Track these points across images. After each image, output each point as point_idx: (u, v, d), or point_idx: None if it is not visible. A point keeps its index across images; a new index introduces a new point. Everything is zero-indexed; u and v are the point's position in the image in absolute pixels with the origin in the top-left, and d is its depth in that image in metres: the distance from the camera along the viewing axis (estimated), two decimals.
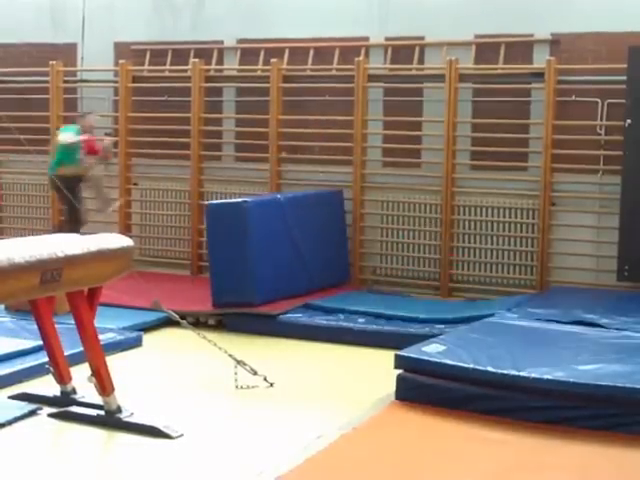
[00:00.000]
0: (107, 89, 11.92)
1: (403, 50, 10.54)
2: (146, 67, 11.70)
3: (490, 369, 6.33)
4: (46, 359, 6.66)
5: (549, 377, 6.15)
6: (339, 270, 10.36)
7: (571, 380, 6.10)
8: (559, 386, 6.08)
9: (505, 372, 6.28)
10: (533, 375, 6.19)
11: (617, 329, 7.64)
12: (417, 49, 10.42)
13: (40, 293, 5.85)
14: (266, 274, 9.14)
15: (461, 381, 6.38)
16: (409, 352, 6.73)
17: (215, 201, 9.88)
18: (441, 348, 6.77)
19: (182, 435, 6.03)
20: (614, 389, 5.98)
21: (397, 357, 6.70)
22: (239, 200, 9.30)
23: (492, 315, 8.29)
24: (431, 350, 6.73)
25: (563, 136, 9.81)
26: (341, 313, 8.99)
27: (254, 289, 9.02)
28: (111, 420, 6.20)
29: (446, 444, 5.91)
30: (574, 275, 9.89)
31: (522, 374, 6.22)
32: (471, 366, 6.39)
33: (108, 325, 8.15)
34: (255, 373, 7.25)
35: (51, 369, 6.61)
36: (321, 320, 8.79)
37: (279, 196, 10.01)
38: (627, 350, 6.95)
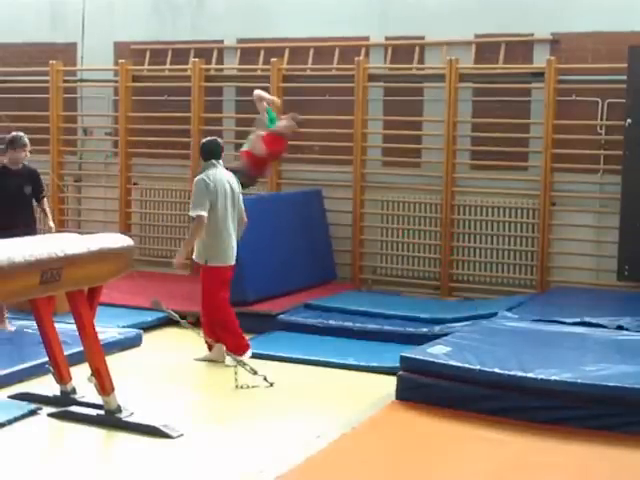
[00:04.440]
0: (107, 89, 11.92)
1: (403, 50, 10.54)
2: (146, 67, 11.69)
3: (497, 371, 6.32)
4: (46, 359, 6.66)
5: (557, 378, 6.14)
6: (326, 267, 10.46)
7: (579, 381, 6.10)
8: (568, 387, 6.07)
9: (512, 374, 6.27)
10: (541, 377, 6.18)
11: (618, 329, 7.64)
12: (417, 49, 10.42)
13: (40, 293, 5.85)
14: (257, 272, 9.18)
15: (468, 383, 6.35)
16: (414, 353, 6.71)
17: None
18: (446, 349, 6.74)
19: (182, 435, 6.03)
20: (623, 390, 5.97)
21: (402, 358, 6.69)
22: None
23: (492, 315, 8.29)
24: (437, 352, 6.69)
25: (563, 136, 9.80)
26: (341, 313, 8.99)
27: (247, 287, 9.02)
28: (111, 420, 6.20)
29: (446, 444, 5.90)
30: (574, 275, 9.89)
31: (530, 376, 6.21)
32: (478, 368, 6.38)
33: (108, 325, 8.16)
34: (255, 373, 7.25)
35: (51, 369, 6.61)
36: (321, 320, 8.79)
37: (264, 195, 10.11)
38: (630, 350, 6.94)
